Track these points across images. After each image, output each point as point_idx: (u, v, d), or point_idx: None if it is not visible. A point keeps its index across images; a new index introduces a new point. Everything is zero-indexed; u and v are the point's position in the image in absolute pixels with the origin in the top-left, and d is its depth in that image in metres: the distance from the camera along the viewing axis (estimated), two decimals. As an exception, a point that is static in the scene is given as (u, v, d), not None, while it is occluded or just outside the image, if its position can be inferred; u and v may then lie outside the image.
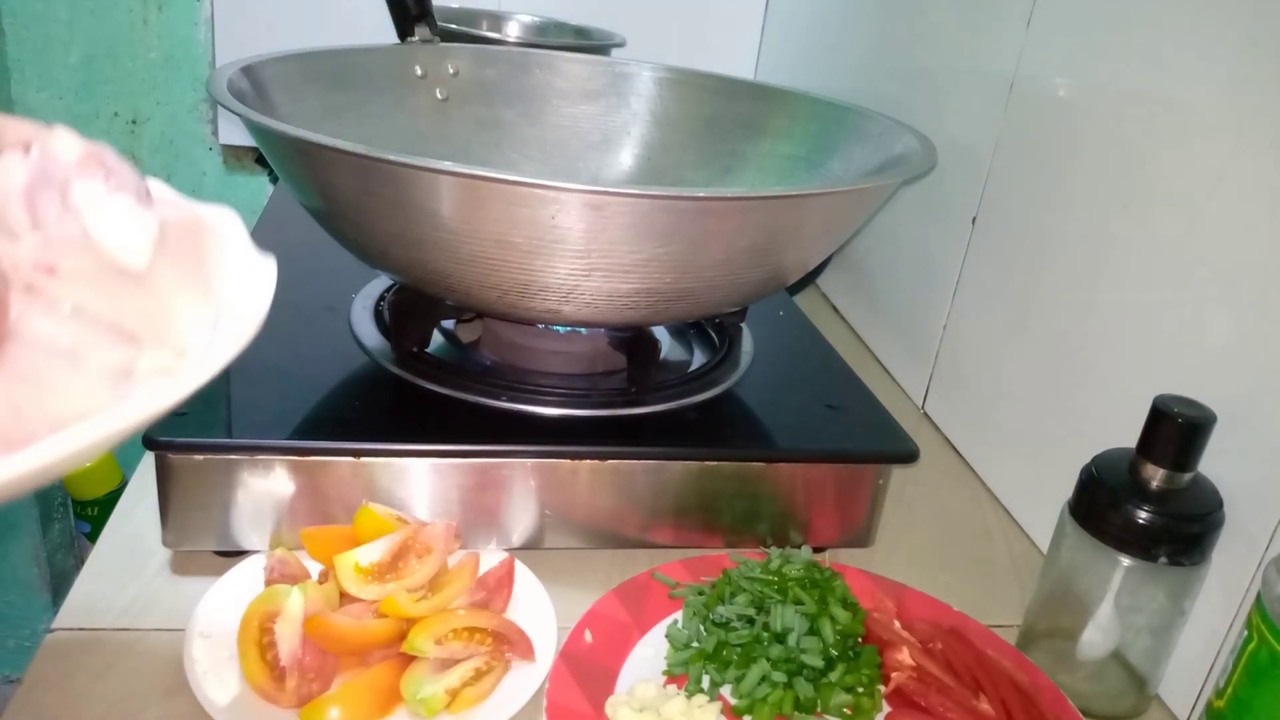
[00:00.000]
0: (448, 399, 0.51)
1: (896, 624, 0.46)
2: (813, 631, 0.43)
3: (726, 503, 0.52)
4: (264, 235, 0.73)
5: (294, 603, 0.40)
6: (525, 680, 0.41)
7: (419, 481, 0.48)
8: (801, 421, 0.55)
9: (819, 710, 0.41)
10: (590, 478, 0.49)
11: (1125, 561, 0.42)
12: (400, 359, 0.53)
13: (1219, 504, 0.42)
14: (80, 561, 0.48)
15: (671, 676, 0.43)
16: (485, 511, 0.49)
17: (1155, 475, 0.42)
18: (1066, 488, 0.46)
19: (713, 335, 0.62)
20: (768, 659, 0.42)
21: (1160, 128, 0.49)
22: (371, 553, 0.43)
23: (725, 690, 0.42)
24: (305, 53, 0.63)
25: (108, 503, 1.17)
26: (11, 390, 0.22)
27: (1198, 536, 0.42)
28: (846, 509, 0.53)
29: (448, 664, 0.40)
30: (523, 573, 0.47)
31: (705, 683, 0.42)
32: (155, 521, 0.47)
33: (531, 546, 0.51)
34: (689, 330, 0.63)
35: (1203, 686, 0.45)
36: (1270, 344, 0.42)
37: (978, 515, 0.61)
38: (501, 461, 0.48)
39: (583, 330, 0.58)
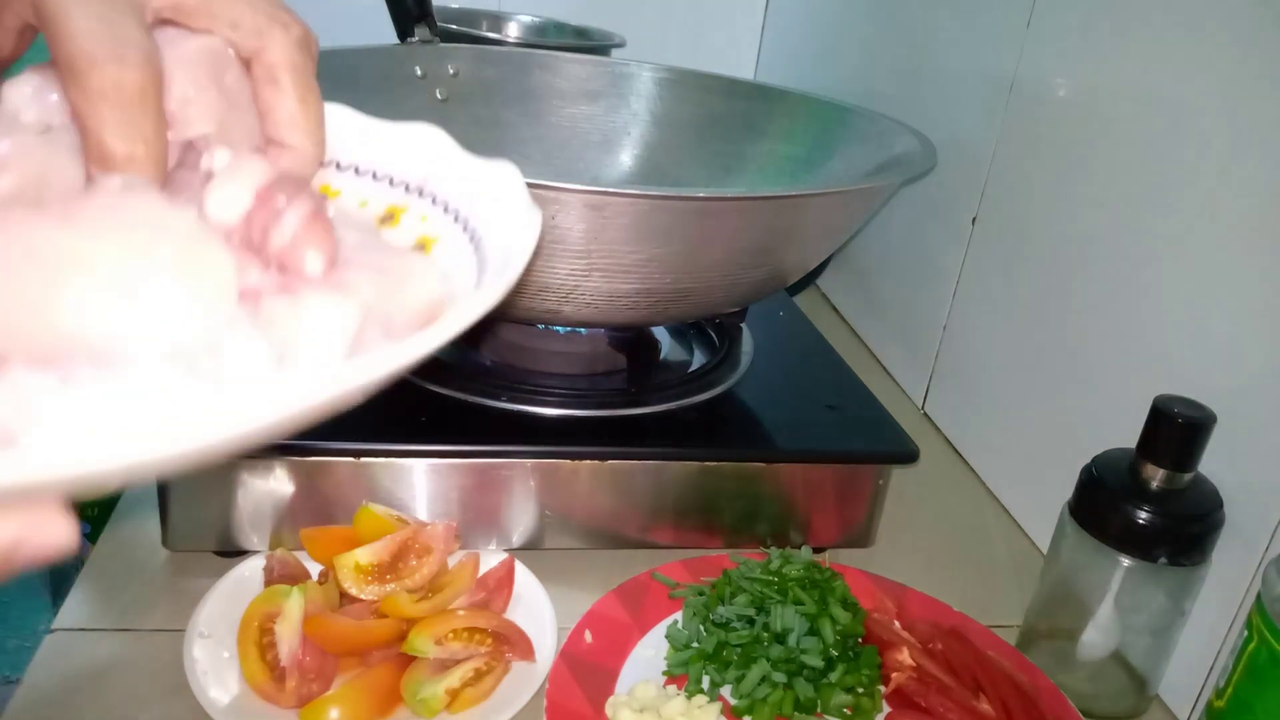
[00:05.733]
0: (448, 399, 0.51)
1: (896, 624, 0.46)
2: (813, 632, 0.43)
3: (726, 503, 0.52)
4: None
5: (294, 603, 0.40)
6: (525, 681, 0.41)
7: (419, 482, 0.48)
8: (801, 422, 0.55)
9: (819, 710, 0.41)
10: (590, 478, 0.49)
11: (1125, 562, 0.42)
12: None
13: (1219, 504, 0.42)
14: (80, 561, 0.48)
15: (671, 677, 0.43)
16: (485, 512, 0.49)
17: (1155, 475, 0.42)
18: (1067, 488, 0.46)
19: (713, 335, 0.62)
20: (768, 659, 0.42)
21: (1160, 128, 0.49)
22: (371, 553, 0.43)
23: (725, 690, 0.42)
24: (305, 53, 0.63)
25: (108, 503, 1.17)
26: (375, 281, 0.22)
27: (1198, 537, 0.42)
28: (846, 509, 0.53)
29: (448, 664, 0.40)
30: (523, 573, 0.47)
31: (705, 683, 0.42)
32: (155, 522, 0.47)
33: (531, 547, 0.51)
34: (689, 330, 0.63)
35: (1203, 687, 0.45)
36: (1270, 344, 0.42)
37: (978, 515, 0.61)
38: (501, 462, 0.48)
39: (583, 330, 0.58)
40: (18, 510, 0.17)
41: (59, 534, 0.17)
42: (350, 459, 0.46)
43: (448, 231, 0.27)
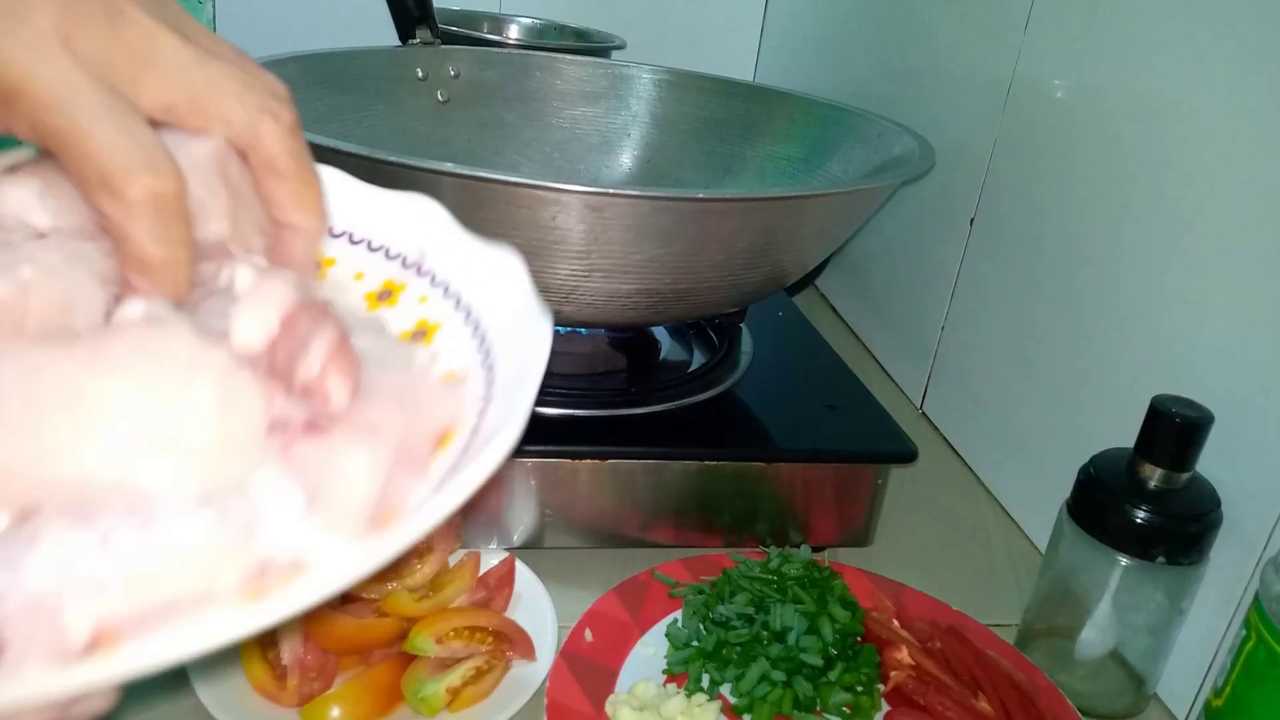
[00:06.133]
0: (448, 399, 0.51)
1: (895, 623, 0.46)
2: (812, 630, 0.43)
3: (726, 502, 0.52)
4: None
5: (295, 602, 0.40)
6: (526, 679, 0.41)
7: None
8: (800, 421, 0.55)
9: (818, 709, 0.42)
10: (590, 477, 0.50)
11: (1123, 561, 0.43)
12: (401, 359, 0.53)
13: (1217, 504, 0.42)
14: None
15: (671, 675, 0.43)
16: (486, 511, 0.49)
17: (1153, 475, 0.42)
18: (1065, 487, 0.46)
19: (712, 335, 0.63)
20: (767, 658, 0.42)
21: (1158, 129, 0.49)
22: (372, 552, 0.43)
23: (725, 689, 0.42)
24: (306, 55, 0.63)
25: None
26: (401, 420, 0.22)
27: (1196, 536, 0.42)
28: (845, 508, 0.54)
29: (448, 663, 0.40)
30: (523, 572, 0.47)
31: (705, 682, 0.42)
32: (157, 521, 0.47)
33: (532, 546, 0.51)
34: (689, 330, 0.63)
35: (1201, 686, 0.45)
36: (1268, 344, 0.42)
37: (976, 515, 0.61)
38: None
39: (583, 330, 0.58)
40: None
41: (99, 705, 0.18)
42: (351, 459, 0.46)
43: (449, 317, 0.27)
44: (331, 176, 0.31)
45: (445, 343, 0.26)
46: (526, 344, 0.24)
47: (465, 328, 0.26)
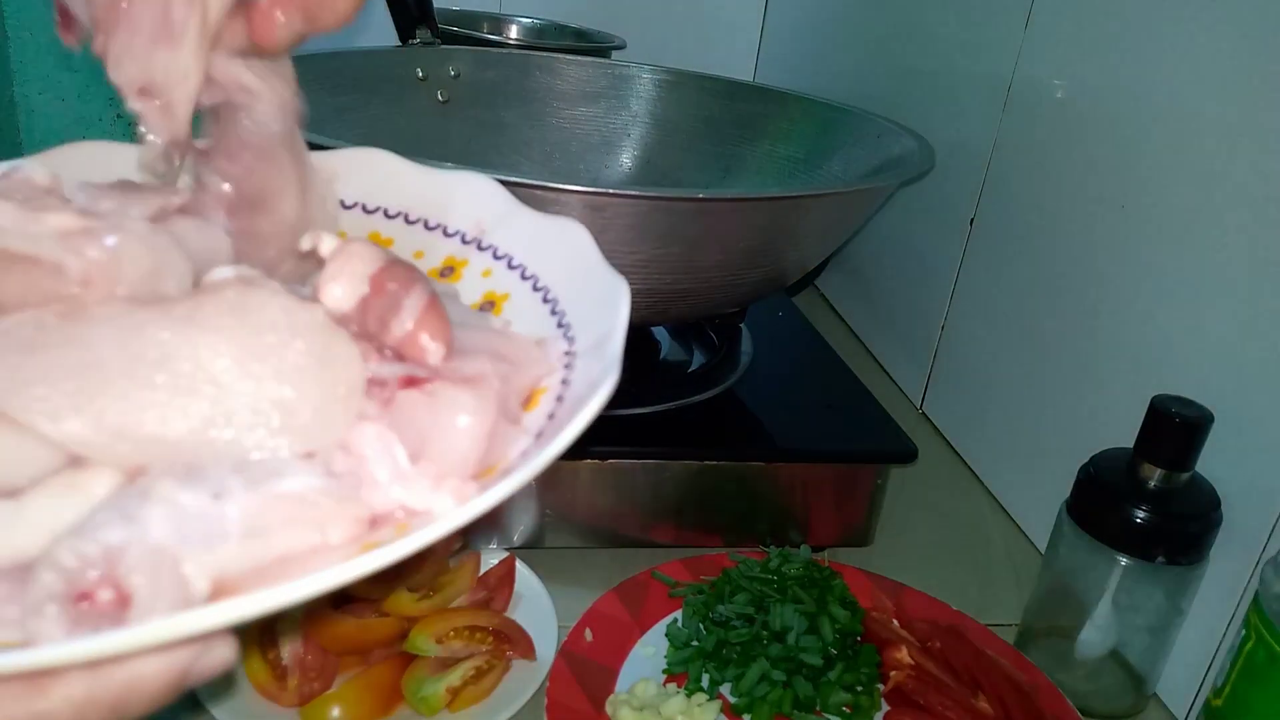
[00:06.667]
0: (448, 399, 0.51)
1: (895, 623, 0.46)
2: (812, 630, 0.43)
3: (726, 502, 0.52)
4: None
5: (296, 602, 0.40)
6: (526, 679, 0.41)
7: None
8: (800, 421, 0.55)
9: (818, 709, 0.42)
10: (590, 477, 0.50)
11: (1123, 561, 0.43)
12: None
13: (1217, 503, 0.42)
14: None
15: (671, 675, 0.43)
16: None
17: (1153, 475, 0.42)
18: (1064, 487, 0.46)
19: (712, 335, 0.63)
20: (767, 658, 0.42)
21: (1158, 129, 0.49)
22: (373, 552, 0.43)
23: (725, 689, 0.42)
24: (306, 55, 0.63)
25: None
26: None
27: (1195, 536, 0.42)
28: (845, 508, 0.54)
29: (449, 663, 0.40)
30: (523, 572, 0.47)
31: (705, 681, 0.43)
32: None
33: (532, 546, 0.51)
34: (689, 330, 0.63)
35: (1201, 685, 0.45)
36: (1268, 344, 0.42)
37: (976, 515, 0.61)
38: (502, 461, 0.48)
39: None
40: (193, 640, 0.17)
41: (224, 655, 0.18)
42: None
43: (515, 288, 0.27)
44: (381, 158, 0.31)
45: (515, 312, 0.27)
46: (604, 303, 0.24)
47: (534, 296, 0.26)
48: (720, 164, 0.71)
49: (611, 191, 0.43)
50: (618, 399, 0.61)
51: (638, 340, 0.60)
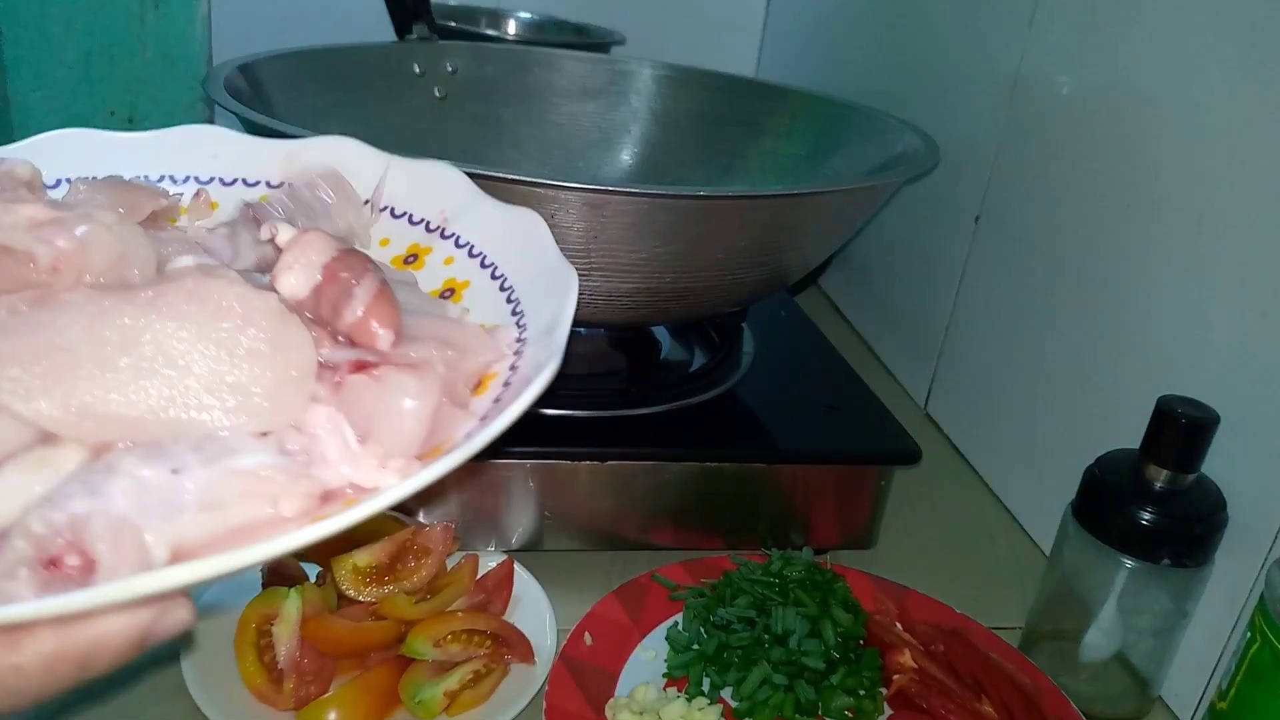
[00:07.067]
0: (446, 399, 0.50)
1: (898, 626, 0.45)
2: (814, 634, 0.43)
3: (727, 504, 0.51)
4: (262, 234, 0.73)
5: (291, 605, 0.39)
6: (524, 683, 0.41)
7: (418, 482, 0.48)
8: (803, 422, 0.54)
9: (820, 713, 0.41)
10: (590, 479, 0.49)
11: (1128, 563, 0.42)
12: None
13: (1222, 505, 0.42)
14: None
15: (672, 679, 0.43)
16: (484, 513, 0.49)
17: (1158, 476, 0.42)
18: (1069, 489, 0.46)
19: (713, 335, 0.62)
20: (769, 661, 0.42)
21: (1163, 126, 0.49)
22: (370, 555, 0.42)
23: (726, 693, 0.42)
24: (302, 50, 0.63)
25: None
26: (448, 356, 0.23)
27: (1201, 538, 0.42)
28: (848, 510, 0.53)
29: (446, 666, 0.40)
30: (522, 575, 0.47)
31: (706, 685, 0.42)
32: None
33: (531, 548, 0.50)
34: (689, 330, 0.63)
35: (1205, 688, 0.44)
36: (1274, 344, 0.42)
37: (980, 516, 0.60)
38: (501, 462, 0.48)
39: (583, 330, 0.58)
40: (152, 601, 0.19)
41: (183, 616, 0.20)
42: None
43: (475, 276, 0.28)
44: (349, 146, 0.32)
45: (474, 299, 0.28)
46: (554, 293, 0.25)
47: (492, 284, 0.28)
48: (722, 161, 0.70)
49: (611, 189, 0.43)
50: (618, 399, 0.60)
51: (638, 340, 0.60)
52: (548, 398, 0.54)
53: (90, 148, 0.33)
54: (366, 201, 0.31)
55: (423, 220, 0.30)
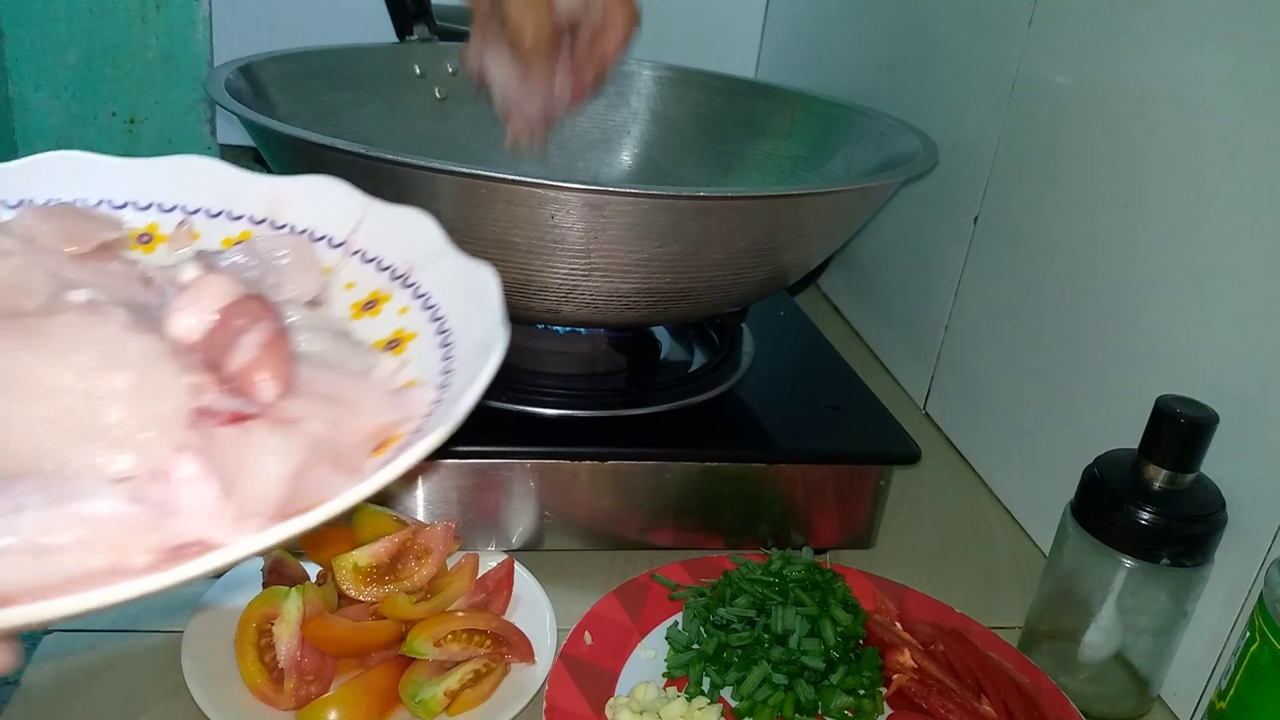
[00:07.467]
0: (447, 399, 0.50)
1: (898, 625, 0.45)
2: (814, 633, 0.43)
3: (727, 504, 0.51)
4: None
5: (292, 604, 0.39)
6: (525, 682, 0.41)
7: (418, 482, 0.48)
8: (802, 422, 0.54)
9: (820, 712, 0.41)
10: (590, 479, 0.49)
11: (1127, 562, 0.42)
12: (399, 359, 0.53)
13: (1221, 505, 0.42)
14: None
15: (672, 678, 0.43)
16: (485, 512, 0.49)
17: (1158, 476, 0.42)
18: (1068, 488, 0.46)
19: (713, 335, 0.62)
20: (768, 661, 0.42)
21: (1162, 127, 0.49)
22: (370, 554, 0.42)
23: (726, 692, 0.42)
24: (303, 52, 0.63)
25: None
26: (324, 411, 0.23)
27: (1200, 537, 0.42)
28: (847, 510, 0.53)
29: (447, 666, 0.40)
30: (522, 574, 0.47)
31: (706, 685, 0.42)
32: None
33: (531, 548, 0.50)
34: (689, 330, 0.63)
35: (1205, 688, 0.44)
36: (1273, 344, 0.42)
37: (979, 516, 0.60)
38: (501, 462, 0.48)
39: (583, 330, 0.58)
40: None
41: (4, 660, 0.19)
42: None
43: (424, 329, 0.28)
44: (333, 187, 0.32)
45: (417, 352, 0.27)
46: (478, 357, 0.25)
47: (437, 339, 0.27)
48: (721, 162, 0.71)
49: (611, 190, 0.43)
50: (618, 399, 0.60)
51: (638, 340, 0.60)
52: (548, 398, 0.55)
53: (83, 170, 0.33)
54: (341, 244, 0.31)
55: (389, 267, 0.30)
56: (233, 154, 1.12)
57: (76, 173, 0.33)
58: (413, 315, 0.29)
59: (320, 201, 0.32)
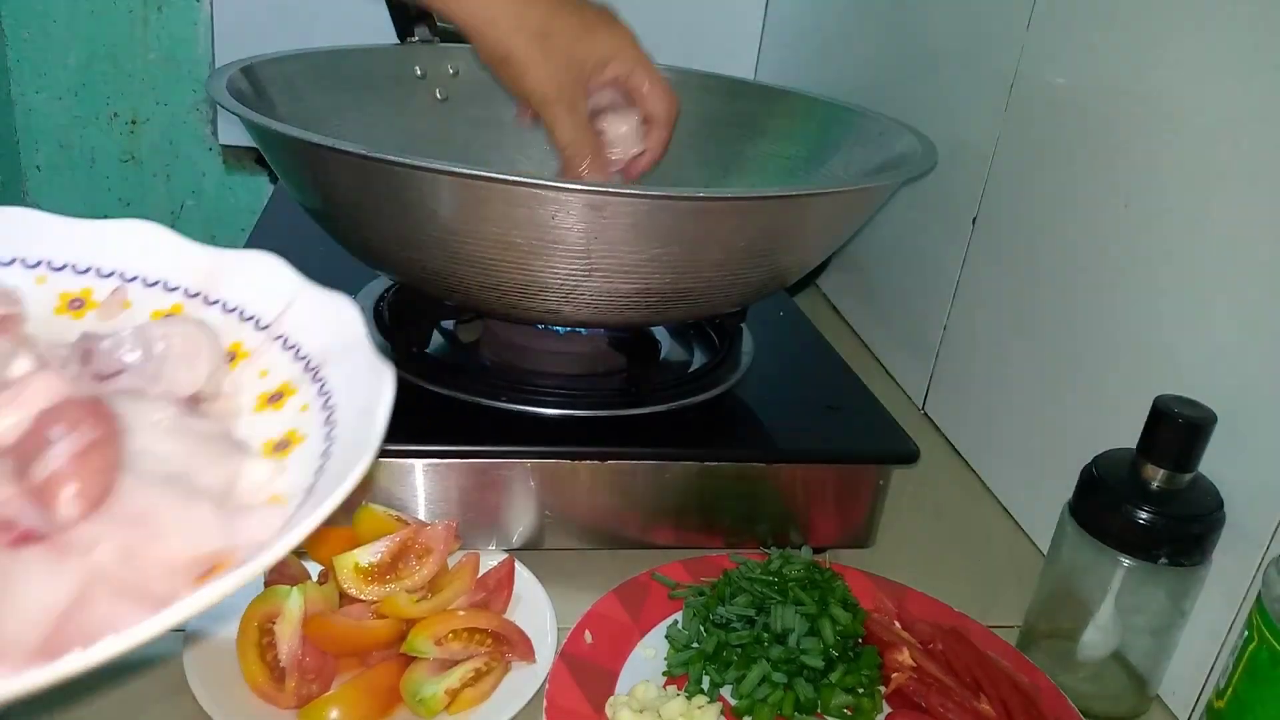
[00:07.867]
0: (448, 399, 0.51)
1: (897, 625, 0.46)
2: (813, 632, 0.43)
3: (726, 503, 0.52)
4: (264, 236, 0.73)
5: (293, 603, 0.40)
6: (525, 681, 0.41)
7: (419, 482, 0.48)
8: (801, 422, 0.55)
9: (819, 711, 0.41)
10: (590, 478, 0.49)
11: (1126, 562, 0.42)
12: (400, 359, 0.53)
13: (1219, 504, 0.42)
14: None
15: (671, 677, 0.43)
16: (485, 512, 0.49)
17: (1156, 475, 0.42)
18: (1067, 488, 0.46)
19: (713, 335, 0.62)
20: (768, 660, 0.42)
21: (1161, 127, 0.49)
22: (371, 553, 0.42)
23: (725, 691, 0.42)
24: (304, 53, 0.63)
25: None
26: (124, 534, 0.21)
27: (1198, 537, 0.42)
28: (847, 509, 0.53)
29: (447, 665, 0.40)
30: (522, 573, 0.47)
31: (705, 683, 0.42)
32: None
33: (531, 547, 0.50)
34: (689, 330, 0.63)
35: (1203, 687, 0.44)
36: (1271, 344, 0.42)
37: (978, 516, 0.61)
38: (501, 462, 0.48)
39: (583, 330, 0.58)
40: None
41: None
42: (350, 459, 0.46)
43: (315, 433, 0.27)
44: (270, 264, 0.32)
45: (297, 460, 0.26)
46: (347, 467, 0.23)
47: (323, 445, 0.26)
48: (720, 163, 0.71)
49: (611, 190, 0.43)
50: (618, 399, 0.60)
51: (638, 340, 0.60)
52: (548, 398, 0.55)
53: (30, 228, 0.32)
54: (267, 326, 0.31)
55: (305, 357, 0.30)
56: (234, 154, 1.13)
57: (20, 231, 0.32)
58: (311, 415, 0.28)
59: (256, 279, 0.32)
